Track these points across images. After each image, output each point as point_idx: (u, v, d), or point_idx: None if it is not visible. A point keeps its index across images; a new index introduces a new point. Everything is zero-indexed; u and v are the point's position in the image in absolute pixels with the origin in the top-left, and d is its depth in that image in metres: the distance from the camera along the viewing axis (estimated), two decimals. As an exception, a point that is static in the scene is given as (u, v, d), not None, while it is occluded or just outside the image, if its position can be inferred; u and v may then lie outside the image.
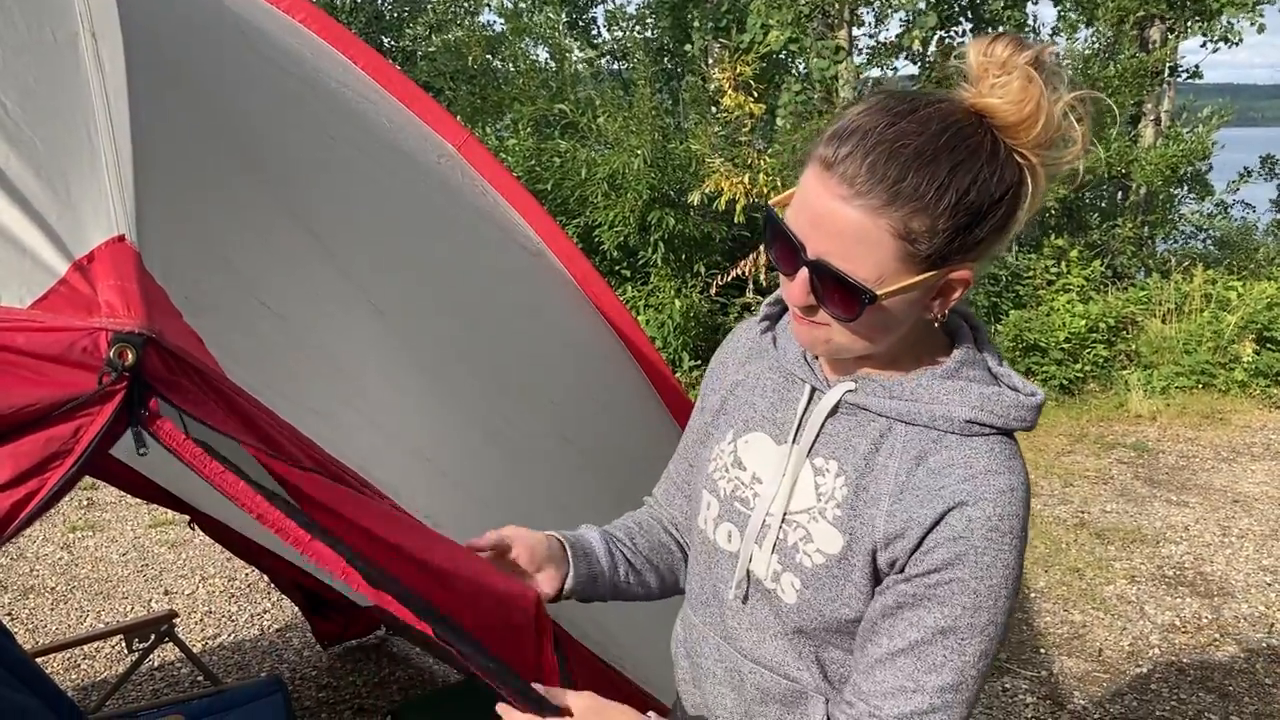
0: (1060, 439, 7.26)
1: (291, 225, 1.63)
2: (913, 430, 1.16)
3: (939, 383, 1.16)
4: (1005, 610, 1.13)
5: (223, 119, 1.64)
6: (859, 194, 1.03)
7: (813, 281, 1.09)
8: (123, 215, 1.00)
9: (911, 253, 1.05)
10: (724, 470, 1.32)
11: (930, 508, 1.11)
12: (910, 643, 1.13)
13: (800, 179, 1.11)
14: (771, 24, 9.14)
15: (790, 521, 1.22)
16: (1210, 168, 12.41)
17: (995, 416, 1.14)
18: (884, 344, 1.15)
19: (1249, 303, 8.67)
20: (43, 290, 0.93)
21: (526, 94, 10.09)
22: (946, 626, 1.11)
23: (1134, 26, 11.83)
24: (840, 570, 1.17)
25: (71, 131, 1.10)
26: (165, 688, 3.90)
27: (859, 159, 1.04)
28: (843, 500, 1.18)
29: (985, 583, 1.10)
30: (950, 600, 1.11)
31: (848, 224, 1.04)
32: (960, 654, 1.12)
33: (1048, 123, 1.06)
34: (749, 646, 1.28)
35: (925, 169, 1.03)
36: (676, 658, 1.44)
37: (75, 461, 0.86)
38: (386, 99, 2.67)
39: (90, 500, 5.80)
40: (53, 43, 1.25)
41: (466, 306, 2.19)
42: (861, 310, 1.08)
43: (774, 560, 1.22)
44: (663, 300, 8.48)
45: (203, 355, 0.94)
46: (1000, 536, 1.10)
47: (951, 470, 1.12)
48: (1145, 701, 3.88)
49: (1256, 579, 4.96)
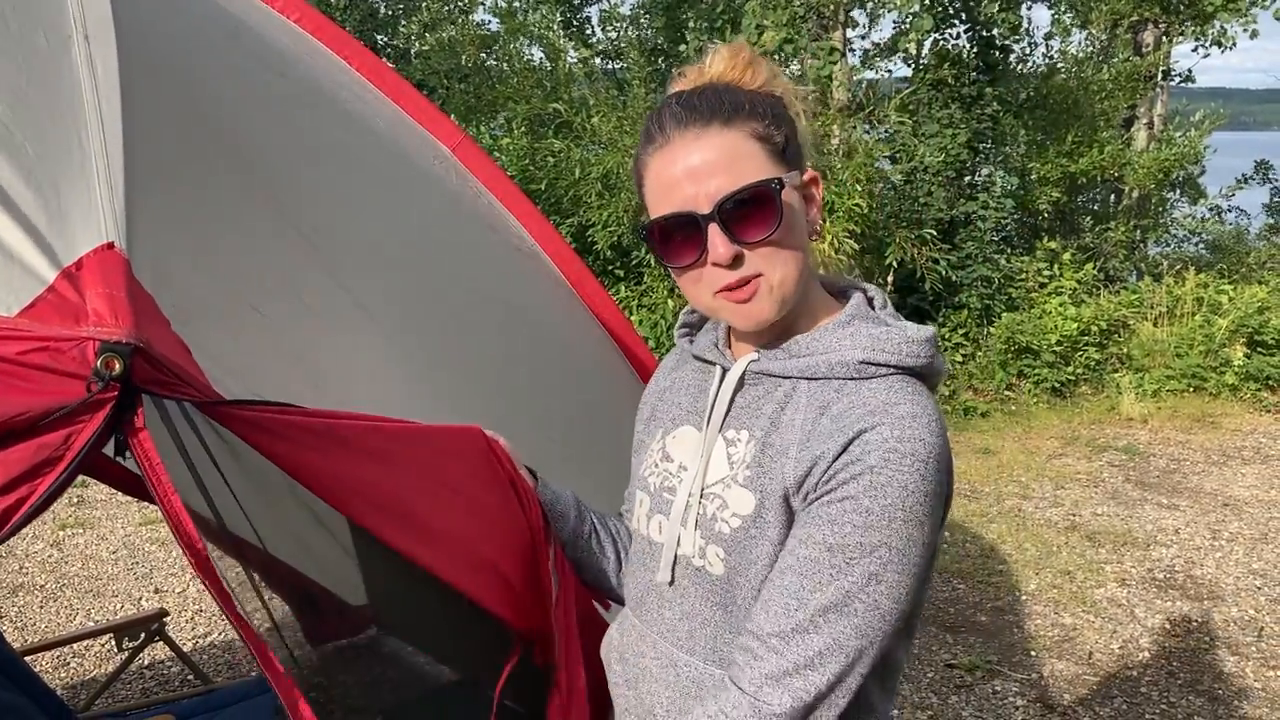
0: (1052, 441, 7.28)
1: (284, 229, 1.62)
2: (814, 385, 1.20)
3: (831, 333, 1.22)
4: (903, 536, 1.10)
5: (216, 123, 1.63)
6: (705, 126, 1.16)
7: (724, 228, 1.15)
8: (112, 222, 0.99)
9: (771, 150, 1.18)
10: (653, 466, 1.37)
11: (833, 442, 1.13)
12: (798, 559, 1.13)
13: (647, 192, 1.23)
14: (766, 25, 9.14)
15: (707, 495, 1.24)
16: (1203, 171, 12.46)
17: (888, 354, 1.18)
18: (803, 270, 1.20)
19: (1240, 306, 8.70)
20: (31, 298, 0.93)
21: (521, 93, 10.09)
22: (835, 544, 1.10)
23: (1128, 30, 11.87)
24: (756, 529, 1.18)
25: (62, 136, 1.10)
26: (155, 687, 3.89)
27: (682, 114, 1.18)
28: (751, 460, 1.21)
29: (879, 501, 1.09)
30: (840, 519, 1.10)
31: (716, 151, 1.15)
32: (846, 573, 1.10)
33: (759, 70, 1.23)
34: (683, 637, 1.28)
35: (727, 94, 1.19)
36: (609, 663, 1.43)
37: (66, 468, 0.86)
38: (381, 100, 2.67)
39: (81, 498, 5.79)
40: (45, 46, 1.25)
41: (459, 309, 2.19)
42: (779, 210, 1.15)
43: (697, 536, 1.24)
44: (656, 300, 8.48)
45: (189, 365, 0.94)
46: (899, 458, 1.10)
47: (852, 410, 1.15)
48: (1135, 704, 3.89)
49: (1246, 582, 4.98)
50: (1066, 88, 11.57)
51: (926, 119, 9.65)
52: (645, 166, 1.22)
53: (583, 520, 1.50)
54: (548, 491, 1.46)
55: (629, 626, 1.40)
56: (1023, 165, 11.08)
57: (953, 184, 9.70)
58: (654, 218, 1.20)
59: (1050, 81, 11.58)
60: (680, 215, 1.16)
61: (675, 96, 1.22)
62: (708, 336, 1.37)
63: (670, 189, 1.17)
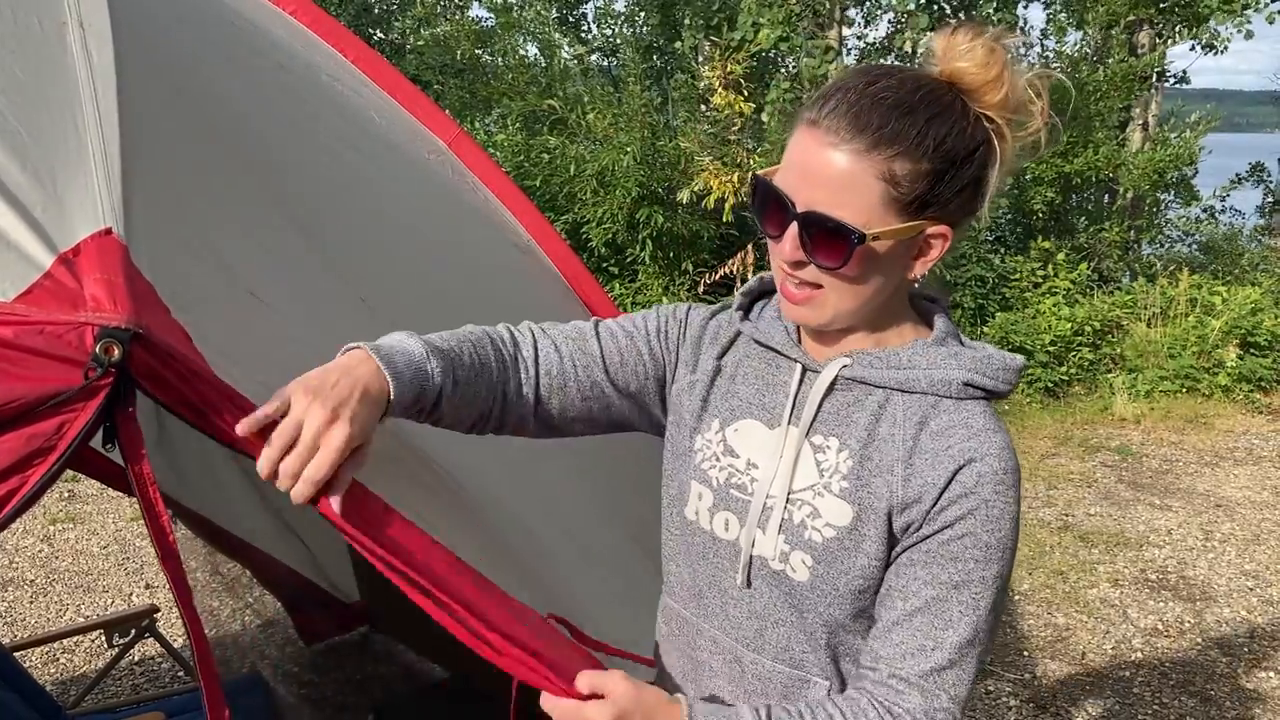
0: (1045, 441, 7.28)
1: (281, 218, 1.61)
2: (910, 398, 1.21)
3: (932, 349, 1.22)
4: (1009, 562, 1.18)
5: (212, 110, 1.62)
6: (845, 140, 1.11)
7: (802, 235, 1.13)
8: (109, 207, 0.98)
9: (895, 197, 1.12)
10: (714, 460, 1.31)
11: (941, 469, 1.16)
12: (926, 600, 1.16)
13: (787, 146, 1.18)
14: (762, 22, 9.13)
15: (795, 500, 1.23)
16: (1196, 172, 12.48)
17: (987, 379, 1.20)
18: (871, 304, 1.19)
19: (1233, 308, 8.72)
20: (27, 284, 0.91)
21: (516, 89, 10.08)
22: (960, 581, 1.15)
23: (1123, 31, 11.88)
24: (852, 541, 1.19)
25: (58, 122, 1.09)
26: (146, 683, 3.87)
27: (843, 111, 1.12)
28: (848, 472, 1.20)
29: (995, 535, 1.15)
30: (963, 555, 1.15)
31: (836, 169, 1.11)
32: (975, 608, 1.16)
33: (1011, 88, 1.14)
34: (750, 635, 1.28)
35: (905, 117, 1.11)
36: (660, 654, 1.43)
37: (58, 459, 0.85)
38: (377, 93, 2.66)
39: (71, 492, 5.76)
40: (40, 32, 1.23)
41: (455, 302, 2.18)
42: (850, 254, 1.12)
43: (780, 541, 1.23)
44: (650, 298, 8.47)
45: (190, 351, 0.92)
46: (1006, 489, 1.15)
47: (954, 431, 1.17)
48: (1127, 705, 3.89)
49: (1239, 583, 4.99)
50: (1061, 88, 11.57)
51: (922, 118, 9.63)
52: (798, 123, 1.17)
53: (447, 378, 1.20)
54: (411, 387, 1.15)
55: (680, 619, 1.37)
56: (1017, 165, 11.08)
57: (947, 184, 9.68)
58: (770, 177, 1.19)
59: (1045, 82, 11.57)
60: (781, 194, 1.15)
61: (861, 85, 1.13)
62: (774, 324, 1.32)
63: (790, 167, 1.16)
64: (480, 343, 1.27)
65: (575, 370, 1.33)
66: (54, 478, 0.87)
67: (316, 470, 0.99)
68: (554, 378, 1.32)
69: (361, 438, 1.04)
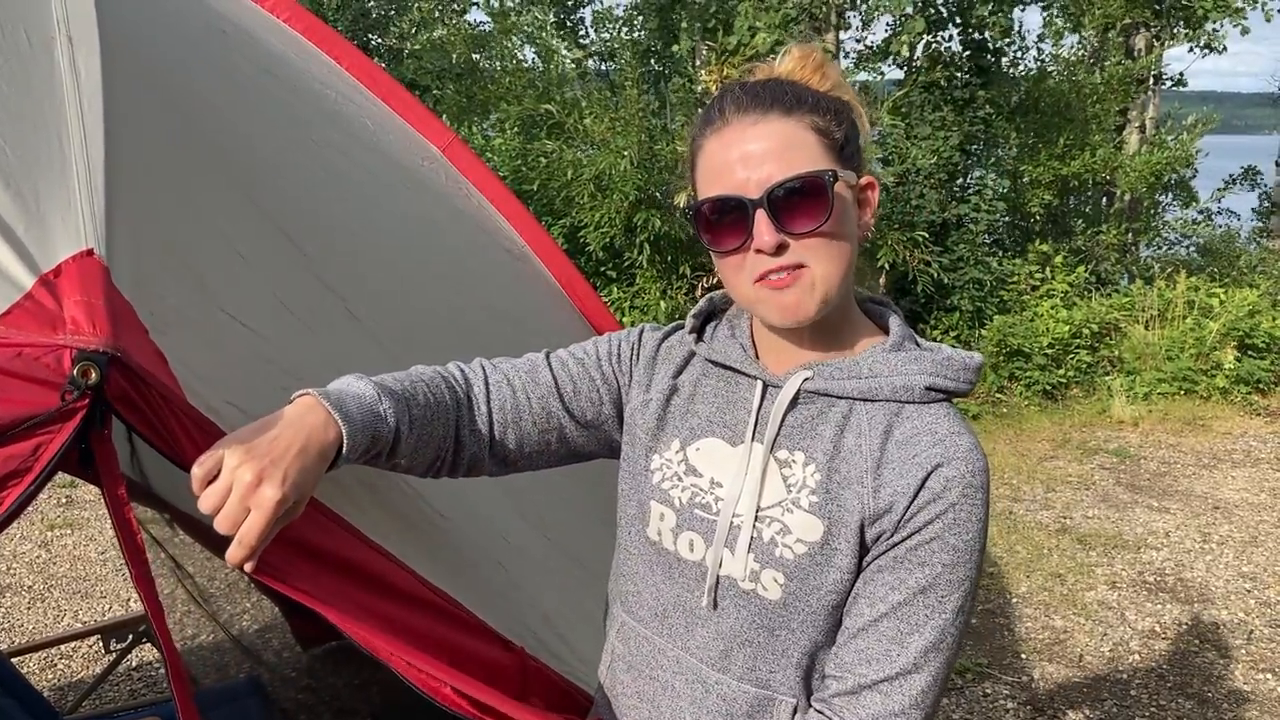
0: (1043, 444, 7.28)
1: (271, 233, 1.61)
2: (874, 406, 1.21)
3: (891, 355, 1.23)
4: (977, 565, 1.17)
5: (200, 121, 1.62)
6: (764, 114, 1.16)
7: (772, 216, 1.13)
8: (92, 228, 0.98)
9: (828, 145, 1.17)
10: (675, 479, 1.30)
11: (910, 477, 1.15)
12: (892, 605, 1.16)
13: (699, 173, 1.21)
14: (759, 26, 9.14)
15: (763, 518, 1.22)
16: (1194, 174, 12.49)
17: (949, 380, 1.20)
18: (847, 273, 1.19)
19: (1231, 310, 8.72)
20: (8, 305, 0.91)
21: (513, 93, 10.07)
22: (927, 584, 1.15)
23: (1120, 34, 11.89)
24: (824, 556, 1.18)
25: (42, 140, 1.09)
26: (143, 688, 3.87)
27: (744, 101, 1.17)
28: (816, 486, 1.19)
29: (963, 538, 1.15)
30: (931, 560, 1.15)
31: (774, 138, 1.15)
32: (941, 611, 1.15)
33: (834, 82, 1.23)
34: (715, 656, 1.26)
35: (790, 88, 1.18)
36: (614, 673, 1.39)
37: (34, 480, 0.85)
38: (371, 100, 2.66)
39: (69, 498, 5.76)
40: (27, 46, 1.23)
41: (448, 312, 2.18)
42: (831, 201, 1.14)
43: (750, 560, 1.22)
44: (648, 302, 8.47)
45: (166, 377, 0.92)
46: (975, 491, 1.15)
47: (920, 438, 1.17)
48: (1125, 707, 3.90)
49: (1236, 585, 4.99)
50: (1059, 90, 11.59)
51: (919, 121, 9.65)
52: (699, 148, 1.21)
53: (401, 421, 1.19)
54: (364, 435, 1.12)
55: (640, 638, 1.35)
56: (1014, 168, 11.09)
57: (945, 186, 9.70)
58: (702, 199, 1.19)
59: (1042, 84, 11.59)
60: (729, 199, 1.15)
61: (739, 83, 1.21)
62: (729, 343, 1.31)
63: (722, 172, 1.17)
64: (433, 382, 1.27)
65: (529, 402, 1.33)
66: (30, 499, 0.87)
67: (246, 534, 0.97)
68: (508, 411, 1.32)
69: (295, 495, 1.01)
